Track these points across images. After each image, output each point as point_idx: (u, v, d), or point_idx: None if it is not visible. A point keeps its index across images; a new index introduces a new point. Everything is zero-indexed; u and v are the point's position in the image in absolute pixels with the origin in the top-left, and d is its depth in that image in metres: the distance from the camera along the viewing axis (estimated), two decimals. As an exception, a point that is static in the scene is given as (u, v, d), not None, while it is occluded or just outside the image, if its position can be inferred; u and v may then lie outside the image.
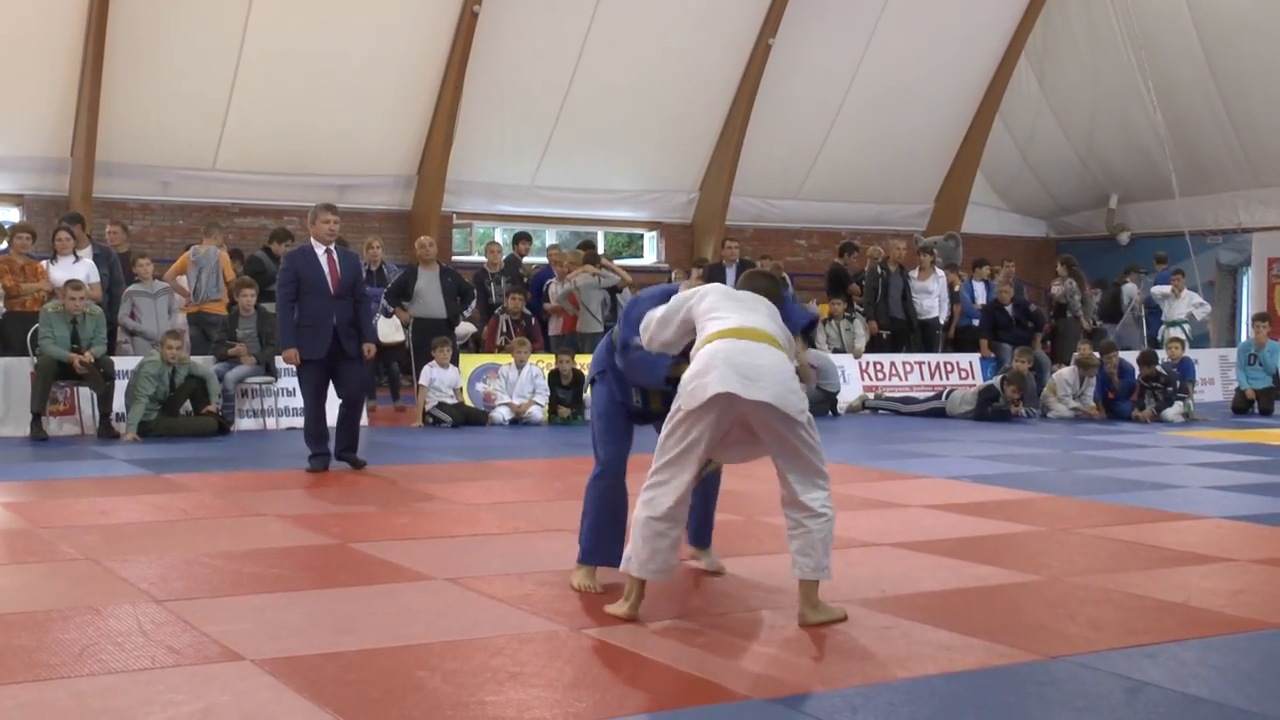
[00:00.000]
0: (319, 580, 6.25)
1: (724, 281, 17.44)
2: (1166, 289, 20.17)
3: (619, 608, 5.55)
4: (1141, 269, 21.75)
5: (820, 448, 5.48)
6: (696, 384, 5.34)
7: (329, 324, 10.24)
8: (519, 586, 6.07)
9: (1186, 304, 19.78)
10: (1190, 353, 17.86)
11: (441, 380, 14.32)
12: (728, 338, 5.42)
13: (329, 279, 10.27)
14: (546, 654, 4.94)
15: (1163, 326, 19.74)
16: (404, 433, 13.26)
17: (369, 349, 10.68)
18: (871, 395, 16.98)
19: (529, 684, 4.53)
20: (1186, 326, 19.62)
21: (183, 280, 15.12)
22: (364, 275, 11.13)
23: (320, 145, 19.42)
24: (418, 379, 14.56)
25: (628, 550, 5.56)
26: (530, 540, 7.36)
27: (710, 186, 22.55)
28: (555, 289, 16.72)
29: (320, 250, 10.34)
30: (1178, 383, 16.08)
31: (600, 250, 21.33)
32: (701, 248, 22.45)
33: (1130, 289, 20.90)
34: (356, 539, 7.29)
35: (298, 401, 13.90)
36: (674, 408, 5.46)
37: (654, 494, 5.48)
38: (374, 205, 20.33)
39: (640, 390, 6.10)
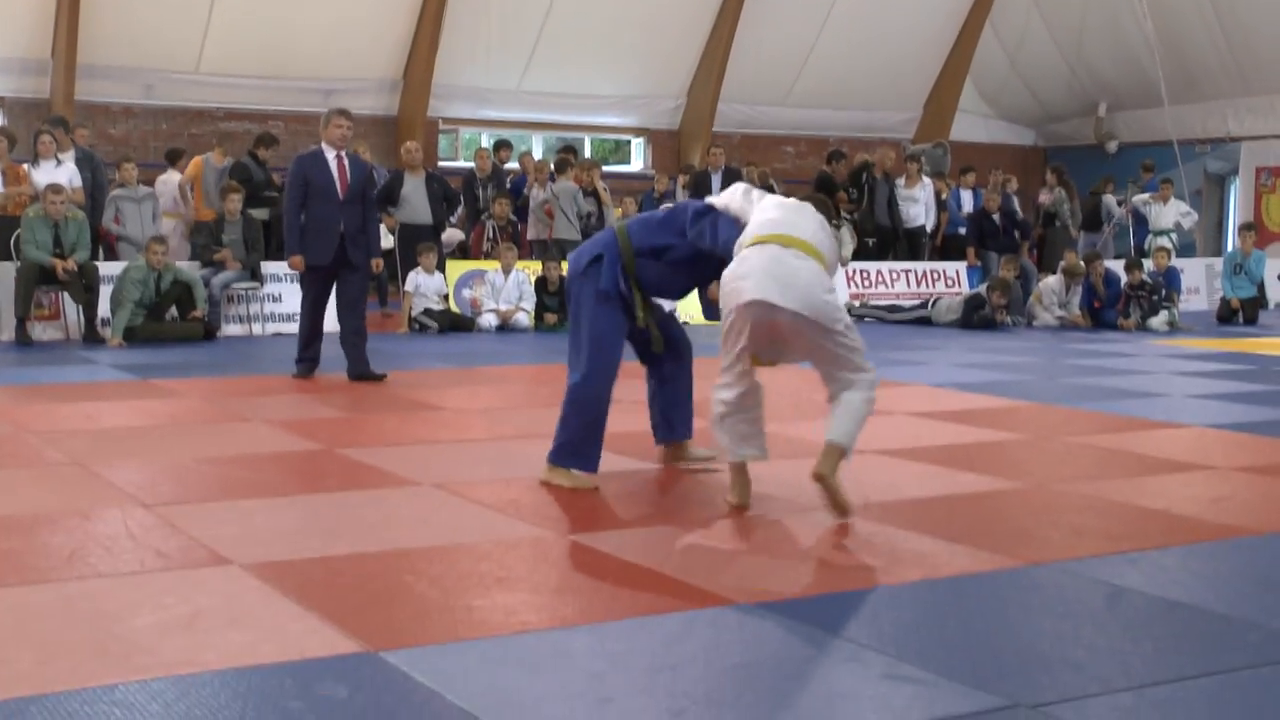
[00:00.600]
0: (306, 485, 6.27)
1: (709, 187, 17.51)
2: (1146, 197, 20.11)
3: (733, 496, 5.84)
4: (1129, 179, 21.66)
5: (860, 344, 5.69)
6: (734, 285, 5.60)
7: (336, 230, 10.05)
8: (505, 492, 6.10)
9: (1174, 213, 19.71)
10: (1176, 262, 17.87)
11: (428, 286, 14.28)
12: (769, 244, 5.63)
13: (338, 184, 10.06)
14: (533, 559, 4.97)
15: (1150, 235, 19.67)
16: (390, 339, 13.24)
17: (377, 264, 10.56)
18: (857, 303, 16.98)
19: (515, 588, 4.56)
20: (1173, 235, 19.58)
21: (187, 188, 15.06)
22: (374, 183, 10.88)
23: (305, 48, 19.19)
24: (404, 285, 14.52)
25: (724, 443, 5.88)
26: (517, 446, 7.37)
27: (697, 92, 22.37)
28: (535, 195, 16.63)
29: (330, 155, 10.11)
30: (1163, 291, 16.10)
31: (587, 154, 21.25)
32: (688, 154, 22.31)
33: (1109, 200, 20.76)
34: (343, 444, 7.30)
35: (284, 307, 13.91)
36: (723, 309, 5.70)
37: (722, 392, 5.80)
38: (360, 110, 19.98)
39: (629, 287, 6.14)
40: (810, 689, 3.71)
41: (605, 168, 20.09)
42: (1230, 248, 21.27)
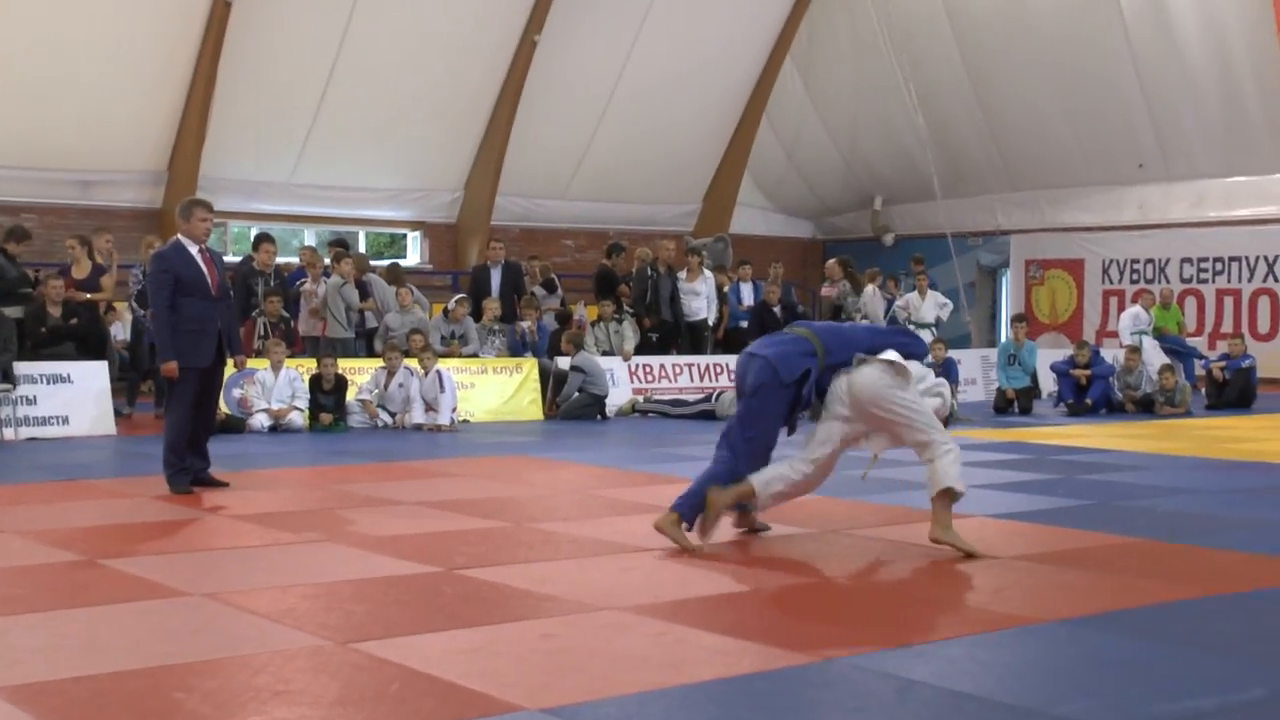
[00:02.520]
0: (64, 600, 6.02)
1: (488, 282, 17.55)
2: (903, 300, 20.13)
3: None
4: (900, 271, 22.23)
5: (916, 417, 7.31)
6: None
7: (213, 328, 9.69)
8: (282, 600, 5.96)
9: (933, 305, 19.93)
10: (952, 353, 18.44)
11: (195, 386, 13.95)
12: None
13: (209, 279, 9.70)
14: (312, 670, 4.86)
15: (912, 330, 19.59)
16: (155, 442, 12.86)
17: (241, 361, 10.29)
18: (641, 398, 17.14)
19: (294, 702, 4.45)
20: (934, 329, 19.54)
21: None
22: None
23: (61, 137, 18.72)
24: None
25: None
26: (293, 552, 7.23)
27: (475, 185, 22.49)
28: (310, 289, 16.42)
29: (194, 250, 9.71)
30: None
31: (361, 249, 21.13)
32: (466, 248, 22.38)
33: (869, 292, 20.32)
34: (105, 555, 7.05)
35: (39, 410, 13.46)
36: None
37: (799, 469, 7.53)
38: (121, 202, 19.70)
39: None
40: (604, 796, 3.68)
41: (381, 262, 20.03)
42: (1004, 339, 22.10)
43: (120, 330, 15.95)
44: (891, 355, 7.26)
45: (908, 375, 7.29)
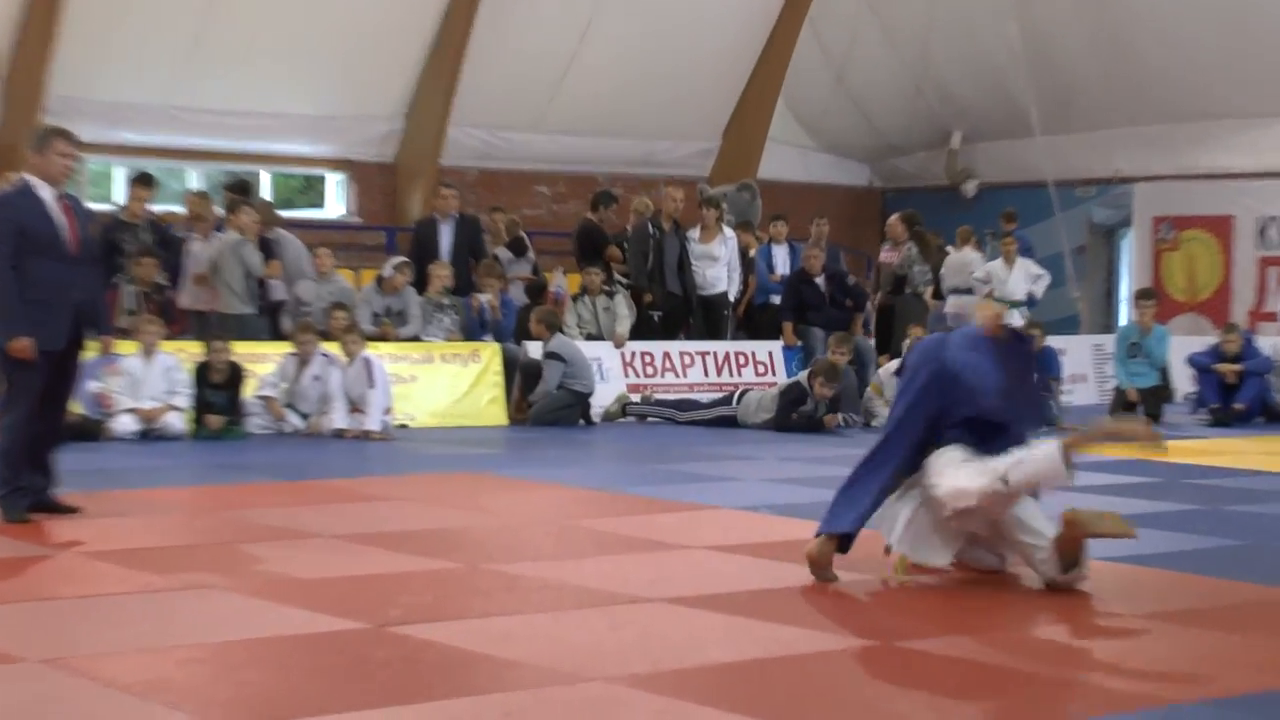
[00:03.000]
0: None
1: (435, 242, 17.50)
2: (983, 272, 19.95)
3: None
4: (987, 231, 22.13)
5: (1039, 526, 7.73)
6: None
7: (68, 299, 9.60)
8: (152, 667, 5.93)
9: (1023, 277, 19.77)
10: (1053, 340, 18.25)
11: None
12: None
13: (67, 235, 9.60)
14: (191, 762, 4.83)
15: None
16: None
17: (108, 342, 10.30)
18: (637, 397, 17.10)
19: (165, 804, 4.42)
20: (1025, 310, 19.31)
21: None
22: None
23: None
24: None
25: None
26: (169, 602, 7.21)
27: (419, 114, 22.43)
28: (195, 251, 16.35)
29: (48, 195, 9.58)
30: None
31: (266, 196, 21.05)
32: (407, 196, 22.31)
33: (968, 258, 20.29)
34: (-87, 604, 7.03)
35: None
36: None
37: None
38: (-60, 131, 19.67)
39: None
40: None
41: (292, 213, 19.97)
42: (1124, 322, 22.00)
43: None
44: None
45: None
